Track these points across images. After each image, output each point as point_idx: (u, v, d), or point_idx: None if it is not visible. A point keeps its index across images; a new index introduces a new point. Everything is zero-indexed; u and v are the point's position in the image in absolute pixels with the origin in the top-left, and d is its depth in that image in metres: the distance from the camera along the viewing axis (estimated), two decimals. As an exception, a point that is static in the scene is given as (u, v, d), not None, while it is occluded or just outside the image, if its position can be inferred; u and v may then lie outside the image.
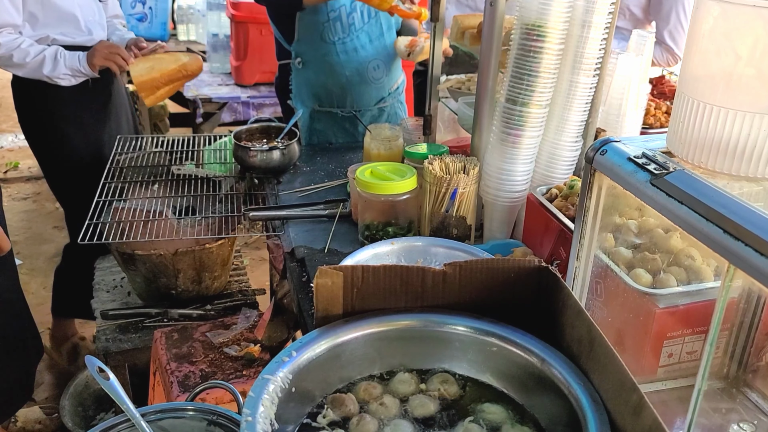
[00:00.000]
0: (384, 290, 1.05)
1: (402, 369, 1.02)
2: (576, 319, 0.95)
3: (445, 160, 1.69)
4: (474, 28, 1.95)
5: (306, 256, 1.70)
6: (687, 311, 1.19)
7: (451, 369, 1.01)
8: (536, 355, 0.95)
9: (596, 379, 0.88)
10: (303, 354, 0.96)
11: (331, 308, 1.05)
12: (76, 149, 2.54)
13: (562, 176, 1.69)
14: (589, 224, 1.02)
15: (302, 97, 2.48)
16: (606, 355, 0.86)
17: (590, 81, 1.60)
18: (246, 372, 1.76)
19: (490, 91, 1.68)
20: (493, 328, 0.98)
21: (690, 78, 0.91)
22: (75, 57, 2.37)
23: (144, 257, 2.04)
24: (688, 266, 1.26)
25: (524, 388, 0.96)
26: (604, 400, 0.85)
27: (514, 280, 1.05)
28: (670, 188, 0.80)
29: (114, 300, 2.26)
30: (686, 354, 1.24)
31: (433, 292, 1.05)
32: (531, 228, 1.65)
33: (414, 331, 0.99)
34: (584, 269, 1.08)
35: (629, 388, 0.79)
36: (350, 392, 0.98)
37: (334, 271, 1.02)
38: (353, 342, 0.99)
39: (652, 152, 0.91)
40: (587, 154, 0.99)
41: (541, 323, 1.04)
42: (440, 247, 1.46)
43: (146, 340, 2.04)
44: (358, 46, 2.37)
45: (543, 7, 1.50)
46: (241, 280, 2.39)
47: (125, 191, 2.18)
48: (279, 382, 0.90)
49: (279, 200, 2.04)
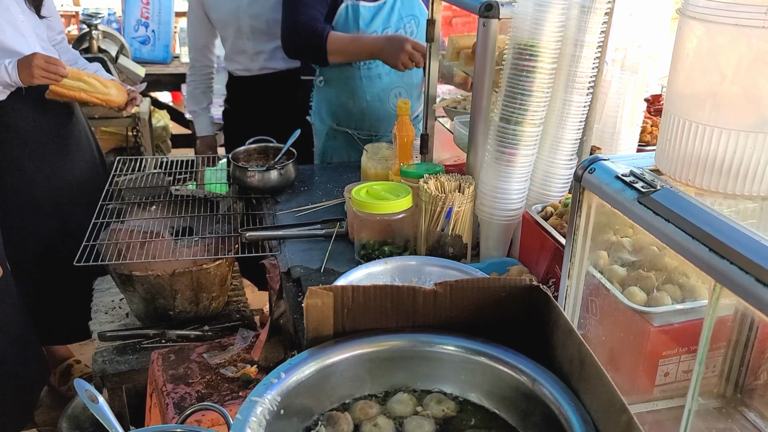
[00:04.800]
0: (374, 310, 1.04)
1: (401, 389, 1.01)
2: (567, 338, 0.94)
3: (441, 179, 1.69)
4: (469, 48, 1.96)
5: (302, 276, 1.69)
6: (682, 330, 1.18)
7: (443, 389, 1.01)
8: (527, 374, 0.94)
9: (587, 399, 0.87)
10: (292, 376, 0.95)
11: (322, 329, 1.04)
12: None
13: (557, 194, 1.68)
14: (579, 242, 1.02)
15: (321, 115, 2.51)
16: (596, 376, 0.85)
17: (584, 99, 1.60)
18: (242, 393, 1.75)
19: (485, 111, 1.68)
20: (484, 347, 0.98)
21: (676, 96, 0.91)
22: (1, 68, 2.23)
23: (141, 278, 2.04)
24: (683, 284, 1.25)
25: (516, 409, 0.95)
26: (595, 420, 0.84)
27: (506, 300, 1.05)
28: (657, 206, 0.80)
29: (112, 321, 2.25)
30: (682, 373, 1.23)
31: (424, 311, 1.05)
32: (527, 246, 1.65)
33: (404, 351, 0.99)
34: (576, 287, 1.07)
35: (618, 409, 0.78)
36: (347, 411, 0.97)
37: (324, 291, 1.02)
38: (343, 363, 0.98)
39: (641, 170, 0.91)
40: (576, 172, 0.99)
41: (533, 343, 1.03)
42: (434, 266, 1.45)
43: (144, 362, 2.03)
44: (383, 73, 2.40)
45: (535, 26, 1.51)
46: (239, 300, 2.39)
47: (123, 213, 2.18)
48: (267, 405, 0.90)
49: (276, 220, 2.05)
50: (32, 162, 2.49)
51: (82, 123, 2.71)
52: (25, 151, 2.47)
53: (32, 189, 2.50)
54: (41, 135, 2.49)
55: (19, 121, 2.42)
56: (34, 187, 2.50)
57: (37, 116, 2.46)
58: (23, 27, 2.38)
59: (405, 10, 2.36)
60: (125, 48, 4.06)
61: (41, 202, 2.50)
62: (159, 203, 2.23)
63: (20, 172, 2.46)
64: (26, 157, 2.47)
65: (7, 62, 2.24)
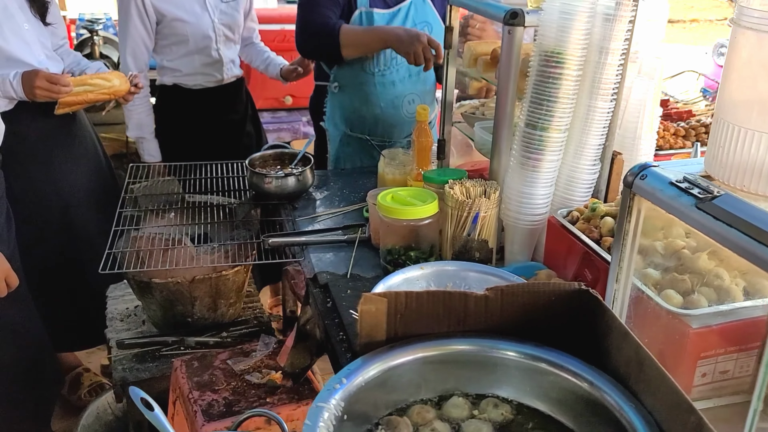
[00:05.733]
0: (427, 316, 1.06)
1: (455, 393, 1.03)
2: (622, 341, 0.96)
3: (466, 184, 1.71)
4: (487, 54, 1.98)
5: (329, 282, 1.70)
6: (720, 331, 1.21)
7: (499, 393, 1.02)
8: (583, 378, 0.96)
9: (648, 401, 0.89)
10: (353, 381, 0.96)
11: (375, 334, 1.06)
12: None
13: (581, 199, 1.71)
14: (628, 247, 1.04)
15: (335, 120, 2.52)
16: (657, 377, 0.88)
17: (608, 105, 1.63)
18: (269, 399, 1.75)
19: (509, 117, 1.71)
20: (541, 352, 1.00)
21: (728, 103, 0.93)
22: (6, 83, 2.23)
23: (161, 285, 2.04)
24: (718, 286, 1.28)
25: (572, 412, 0.97)
26: (659, 422, 0.86)
27: (554, 303, 1.06)
28: (718, 212, 0.82)
29: (128, 329, 2.25)
30: (719, 374, 1.26)
31: (475, 316, 1.06)
32: (553, 250, 1.67)
33: (462, 355, 1.00)
34: (623, 291, 1.09)
35: (686, 410, 0.80)
36: (404, 416, 0.99)
37: (378, 297, 1.03)
38: (403, 367, 1.00)
39: (693, 176, 0.93)
40: (626, 178, 1.01)
41: (581, 346, 1.05)
42: (470, 272, 1.47)
43: (163, 369, 2.03)
44: (396, 80, 2.42)
45: (561, 34, 1.53)
46: (254, 306, 2.39)
47: (139, 220, 2.18)
48: (333, 410, 0.91)
49: (297, 226, 2.05)
50: (40, 170, 2.48)
51: (87, 127, 2.70)
52: (32, 159, 2.46)
53: (40, 197, 2.49)
54: (48, 142, 2.49)
55: (25, 130, 2.41)
56: (43, 195, 2.49)
57: (44, 124, 2.46)
58: (28, 36, 2.37)
59: (418, 16, 2.38)
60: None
61: (50, 210, 2.49)
62: (175, 210, 2.23)
63: (29, 180, 2.45)
64: (34, 164, 2.46)
65: (11, 77, 2.23)
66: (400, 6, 2.35)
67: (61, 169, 2.47)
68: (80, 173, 2.54)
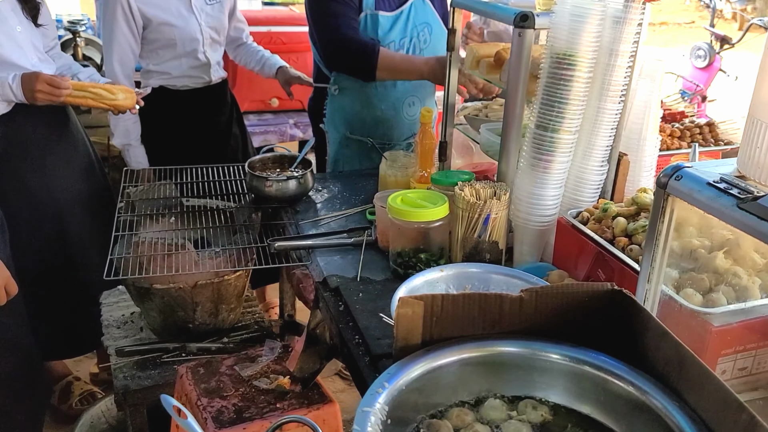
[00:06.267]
0: (462, 318, 1.06)
1: (491, 395, 1.02)
2: (661, 340, 0.97)
3: (475, 186, 1.72)
4: (491, 56, 1.99)
5: (340, 285, 1.69)
6: (740, 328, 1.23)
7: (536, 395, 1.02)
8: (626, 379, 0.97)
9: (691, 399, 0.90)
10: (395, 384, 0.96)
11: (411, 338, 1.05)
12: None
13: (589, 200, 1.73)
14: (660, 247, 1.05)
15: (335, 123, 2.51)
16: (701, 375, 0.89)
17: (616, 107, 1.65)
18: (279, 405, 1.73)
19: (518, 118, 1.72)
20: (582, 354, 1.00)
21: (764, 103, 0.95)
22: (6, 86, 2.18)
23: (162, 291, 2.01)
24: (735, 284, 1.30)
25: (615, 414, 0.98)
26: (705, 421, 0.86)
27: (588, 304, 1.07)
28: (763, 211, 0.84)
29: (126, 336, 2.20)
30: (738, 371, 1.28)
31: (509, 318, 1.07)
32: (563, 251, 1.68)
33: (508, 357, 1.00)
34: (654, 291, 1.11)
35: (736, 408, 0.81)
36: (443, 419, 0.98)
37: (415, 300, 1.03)
38: (443, 369, 1.00)
39: (729, 177, 0.94)
40: (659, 179, 1.02)
41: (615, 345, 1.06)
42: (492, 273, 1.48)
43: (166, 376, 1.99)
44: (397, 82, 2.41)
45: (573, 36, 1.55)
46: (253, 311, 2.36)
47: (137, 225, 2.14)
48: (378, 414, 0.90)
49: (300, 229, 2.04)
50: (34, 174, 2.42)
51: (78, 130, 2.64)
52: (26, 163, 2.40)
53: (34, 202, 2.43)
54: (41, 146, 2.43)
55: (18, 133, 2.35)
56: (36, 199, 2.43)
57: (37, 127, 2.40)
58: (21, 38, 2.32)
59: (419, 17, 2.38)
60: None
61: (43, 215, 2.43)
62: (174, 214, 2.19)
63: (22, 184, 2.39)
64: (28, 169, 2.40)
65: (10, 79, 2.18)
66: (402, 8, 2.35)
67: (54, 174, 2.41)
68: (74, 178, 2.48)
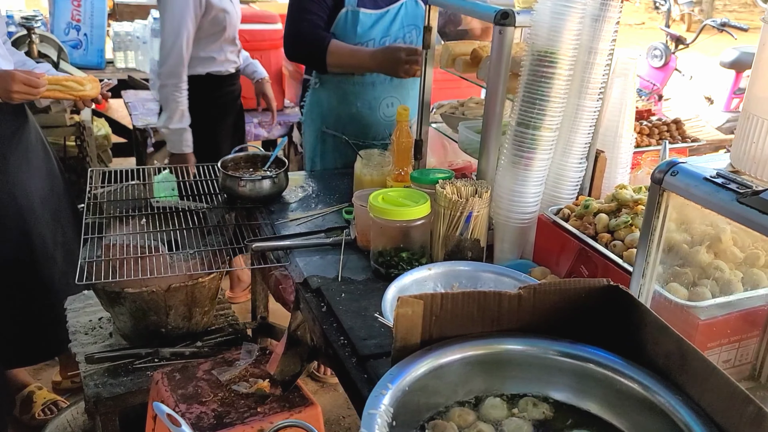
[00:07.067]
0: (461, 316, 1.05)
1: (490, 394, 1.02)
2: (660, 334, 0.98)
3: (456, 184, 1.71)
4: (467, 54, 1.99)
5: (321, 286, 1.66)
6: (725, 321, 1.25)
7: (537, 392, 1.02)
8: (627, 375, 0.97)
9: (694, 392, 0.91)
10: (397, 385, 0.94)
11: (410, 338, 1.04)
12: None
13: (568, 197, 1.74)
14: (655, 242, 1.06)
15: (312, 116, 2.51)
16: (704, 368, 0.89)
17: (595, 105, 1.67)
18: (261, 409, 1.70)
19: (498, 116, 1.72)
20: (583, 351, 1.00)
21: (758, 98, 0.96)
22: None
23: (134, 295, 1.94)
24: (718, 278, 1.32)
25: (617, 410, 0.98)
26: (710, 414, 0.87)
27: (584, 300, 1.07)
28: (764, 205, 0.85)
29: (95, 342, 2.13)
30: (722, 363, 1.30)
31: (508, 315, 1.06)
32: (544, 248, 1.69)
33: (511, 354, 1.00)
34: (648, 286, 1.11)
35: (742, 400, 0.82)
36: (445, 419, 0.97)
37: (415, 300, 1.01)
38: (445, 368, 0.99)
39: (725, 172, 0.96)
40: (654, 175, 1.03)
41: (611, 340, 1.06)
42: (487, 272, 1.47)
43: (139, 383, 1.93)
44: (376, 81, 2.39)
45: (554, 34, 1.55)
46: (226, 314, 2.31)
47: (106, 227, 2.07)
48: (383, 416, 0.89)
49: (275, 230, 2.00)
50: None
51: (37, 129, 2.54)
52: None
53: None
54: (1, 148, 2.33)
55: None
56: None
57: None
58: None
59: (408, 18, 2.36)
60: (63, 52, 3.84)
61: (6, 218, 2.33)
62: (144, 216, 2.13)
63: None
64: None
65: None
66: (390, 7, 2.32)
67: (17, 177, 2.32)
68: (34, 178, 2.39)
